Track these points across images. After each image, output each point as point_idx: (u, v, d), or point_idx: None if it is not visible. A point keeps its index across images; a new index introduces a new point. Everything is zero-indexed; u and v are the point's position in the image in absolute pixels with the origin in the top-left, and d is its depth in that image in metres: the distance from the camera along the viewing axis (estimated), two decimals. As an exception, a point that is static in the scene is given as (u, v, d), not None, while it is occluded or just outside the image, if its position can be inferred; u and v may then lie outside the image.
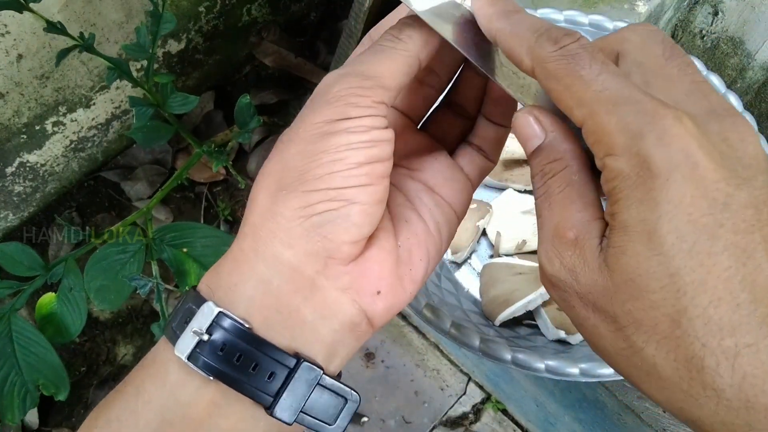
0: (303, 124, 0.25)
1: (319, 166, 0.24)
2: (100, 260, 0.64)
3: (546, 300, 0.59)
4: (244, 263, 0.25)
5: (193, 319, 0.24)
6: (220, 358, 0.23)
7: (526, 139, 0.25)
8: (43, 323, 0.64)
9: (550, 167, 0.24)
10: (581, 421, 0.69)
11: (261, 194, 0.25)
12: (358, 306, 0.25)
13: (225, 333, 0.23)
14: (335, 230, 0.24)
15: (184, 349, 0.24)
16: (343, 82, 0.24)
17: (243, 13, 0.99)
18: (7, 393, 0.61)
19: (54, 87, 0.81)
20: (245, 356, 0.24)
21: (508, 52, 0.24)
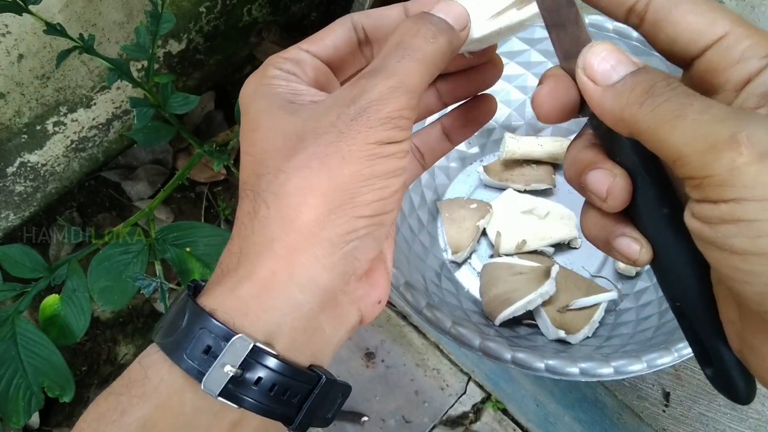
0: (356, 141, 0.23)
1: (370, 191, 0.24)
2: (103, 261, 0.64)
3: (546, 300, 0.59)
4: (276, 288, 0.23)
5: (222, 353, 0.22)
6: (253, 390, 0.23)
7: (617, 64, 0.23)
8: (47, 325, 0.64)
9: (672, 79, 0.21)
10: (581, 420, 0.69)
11: (305, 213, 0.23)
12: (361, 313, 0.27)
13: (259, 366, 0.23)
14: (365, 252, 0.25)
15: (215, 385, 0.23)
16: (394, 101, 0.24)
17: (243, 13, 0.99)
18: (12, 395, 0.61)
19: (55, 87, 0.81)
20: (278, 386, 0.24)
21: None
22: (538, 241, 0.66)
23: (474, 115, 0.32)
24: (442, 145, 0.33)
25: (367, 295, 0.27)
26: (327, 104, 0.25)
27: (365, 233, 0.24)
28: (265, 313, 0.23)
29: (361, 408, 0.75)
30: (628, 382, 0.66)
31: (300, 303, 0.24)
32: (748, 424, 0.63)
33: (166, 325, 0.24)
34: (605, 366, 0.49)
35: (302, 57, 0.27)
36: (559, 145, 0.69)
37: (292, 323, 0.24)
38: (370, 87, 0.24)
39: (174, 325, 0.24)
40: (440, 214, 0.69)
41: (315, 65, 0.28)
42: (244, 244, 0.24)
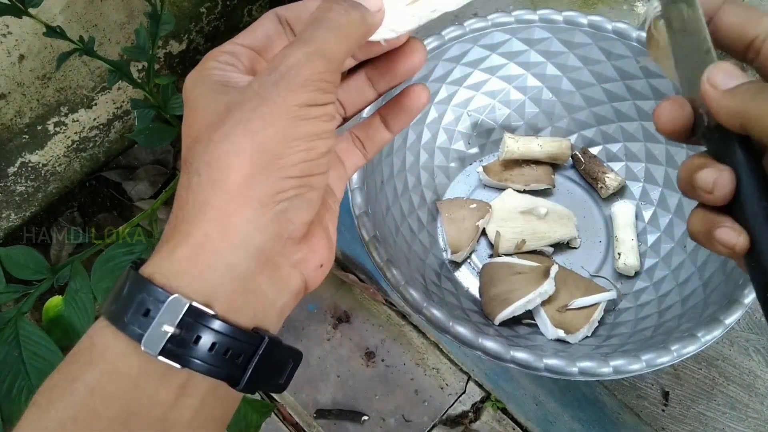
0: (276, 105, 0.24)
1: (295, 152, 0.25)
2: (107, 261, 0.64)
3: (545, 299, 0.59)
4: (209, 249, 0.24)
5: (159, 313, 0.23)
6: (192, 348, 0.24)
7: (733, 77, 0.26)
8: (50, 326, 0.64)
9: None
10: (580, 419, 0.69)
11: (233, 175, 0.24)
12: (304, 277, 0.28)
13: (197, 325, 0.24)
14: (298, 213, 0.26)
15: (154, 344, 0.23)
16: (313, 65, 0.25)
17: (244, 14, 1.00)
18: (15, 399, 0.60)
19: (56, 87, 0.81)
20: (219, 345, 0.24)
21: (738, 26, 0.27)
22: (537, 241, 0.66)
23: (407, 104, 0.34)
24: (381, 133, 0.35)
25: (308, 259, 0.28)
26: (252, 79, 0.26)
27: (294, 194, 0.25)
28: (200, 274, 0.24)
29: (360, 407, 0.75)
30: (628, 382, 0.67)
31: (235, 263, 0.24)
32: (747, 423, 0.64)
33: (111, 296, 0.25)
34: (604, 365, 0.49)
35: (237, 49, 0.29)
36: (558, 146, 0.70)
37: (229, 284, 0.24)
38: (287, 54, 0.25)
39: (117, 294, 0.25)
40: (440, 214, 0.69)
41: (249, 55, 0.29)
42: (179, 214, 0.25)
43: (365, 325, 0.80)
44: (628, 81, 0.65)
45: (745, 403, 0.64)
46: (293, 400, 0.76)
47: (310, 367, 0.78)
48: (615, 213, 0.68)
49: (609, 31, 0.64)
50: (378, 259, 0.54)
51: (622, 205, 0.68)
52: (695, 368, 0.67)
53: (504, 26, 0.65)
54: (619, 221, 0.67)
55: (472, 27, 0.65)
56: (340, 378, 0.77)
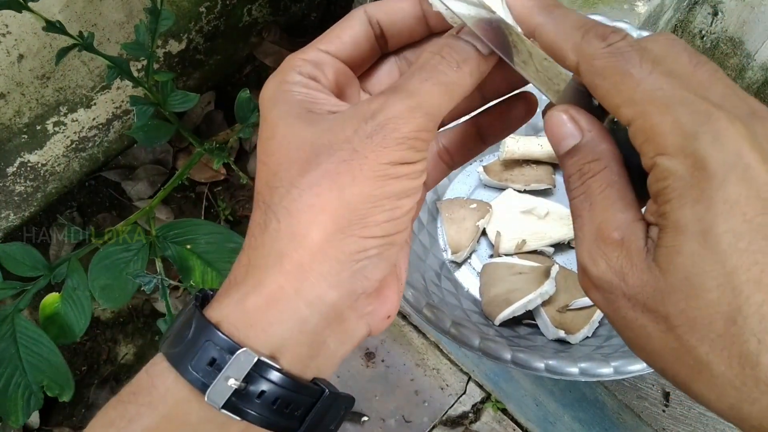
0: (368, 161, 0.23)
1: (381, 212, 0.24)
2: (103, 259, 0.64)
3: (546, 300, 0.59)
4: (282, 303, 0.24)
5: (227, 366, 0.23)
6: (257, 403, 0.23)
7: (561, 138, 0.25)
8: (47, 323, 0.63)
9: (589, 167, 0.24)
10: (581, 420, 0.69)
11: (314, 231, 0.23)
12: (370, 328, 0.27)
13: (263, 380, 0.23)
14: (375, 271, 0.25)
15: (218, 398, 0.23)
16: (412, 121, 0.23)
17: (243, 13, 0.99)
18: (11, 394, 0.60)
19: (55, 87, 0.81)
20: (280, 399, 0.24)
21: (549, 48, 0.24)
22: (537, 241, 0.66)
23: (514, 114, 0.31)
24: (474, 144, 0.31)
25: (377, 311, 0.27)
26: (344, 117, 0.24)
27: (375, 253, 0.24)
28: (270, 326, 0.23)
29: (361, 408, 0.75)
30: (628, 382, 0.66)
31: (305, 318, 0.24)
32: (747, 424, 0.63)
33: (173, 335, 0.24)
34: (605, 366, 0.49)
35: (322, 59, 0.27)
36: (558, 145, 0.69)
37: (298, 338, 0.24)
38: (389, 104, 0.24)
39: (180, 335, 0.24)
40: (440, 214, 0.69)
41: (335, 67, 0.27)
42: (253, 256, 0.24)
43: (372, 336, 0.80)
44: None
45: (746, 403, 0.64)
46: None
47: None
48: (616, 213, 0.67)
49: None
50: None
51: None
52: (696, 369, 0.66)
53: (504, 25, 0.65)
54: (619, 221, 0.67)
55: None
56: (340, 378, 0.77)
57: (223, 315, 0.24)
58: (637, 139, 0.22)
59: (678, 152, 0.21)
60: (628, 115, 0.22)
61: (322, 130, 0.24)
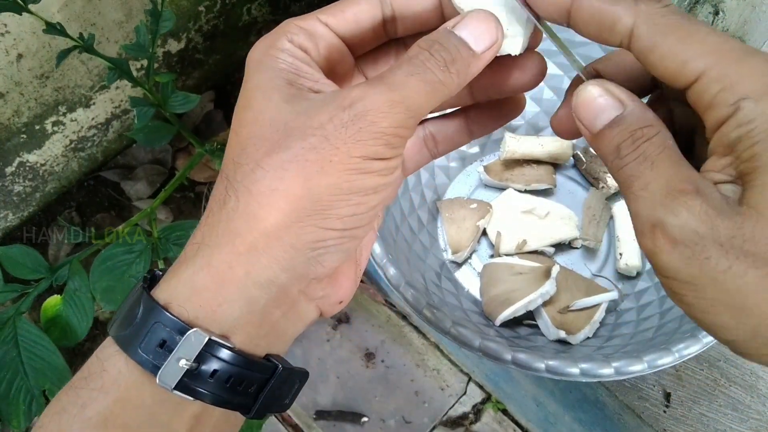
0: (339, 152, 0.22)
1: (345, 206, 0.23)
2: (105, 261, 0.64)
3: (546, 300, 0.59)
4: (232, 284, 0.23)
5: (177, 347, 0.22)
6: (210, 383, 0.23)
7: (598, 112, 0.23)
8: (48, 326, 0.63)
9: (641, 132, 0.22)
10: (581, 421, 0.69)
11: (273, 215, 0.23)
12: (320, 310, 0.27)
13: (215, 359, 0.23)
14: (331, 259, 0.24)
15: (170, 379, 0.23)
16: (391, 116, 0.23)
17: (243, 12, 0.99)
18: (13, 399, 0.60)
19: (54, 87, 0.81)
20: (233, 377, 0.24)
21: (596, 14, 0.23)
22: (538, 241, 0.65)
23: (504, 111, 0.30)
24: (460, 136, 0.31)
25: (329, 297, 0.27)
26: (323, 101, 0.23)
27: (333, 244, 0.24)
28: (219, 306, 0.23)
29: (360, 408, 0.75)
30: (629, 383, 0.66)
31: (255, 299, 0.23)
32: (749, 424, 0.63)
33: (122, 317, 0.24)
34: (606, 366, 0.49)
35: (318, 30, 0.26)
36: (559, 145, 0.69)
37: (248, 318, 0.24)
38: (370, 95, 0.23)
39: (129, 317, 0.23)
40: (440, 213, 0.68)
41: (330, 41, 0.26)
42: (206, 233, 0.24)
43: (365, 326, 0.79)
44: (629, 80, 0.65)
45: (746, 404, 0.64)
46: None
47: (309, 368, 0.77)
48: (616, 213, 0.67)
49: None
50: (378, 259, 0.53)
51: (624, 205, 0.67)
52: (697, 369, 0.66)
53: (505, 25, 0.65)
54: (620, 221, 0.67)
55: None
56: (340, 379, 0.77)
57: (172, 295, 0.23)
58: (708, 93, 0.21)
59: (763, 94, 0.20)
60: (696, 68, 0.21)
61: (297, 111, 0.23)
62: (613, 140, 0.23)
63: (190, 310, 0.23)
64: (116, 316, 0.25)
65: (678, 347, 0.48)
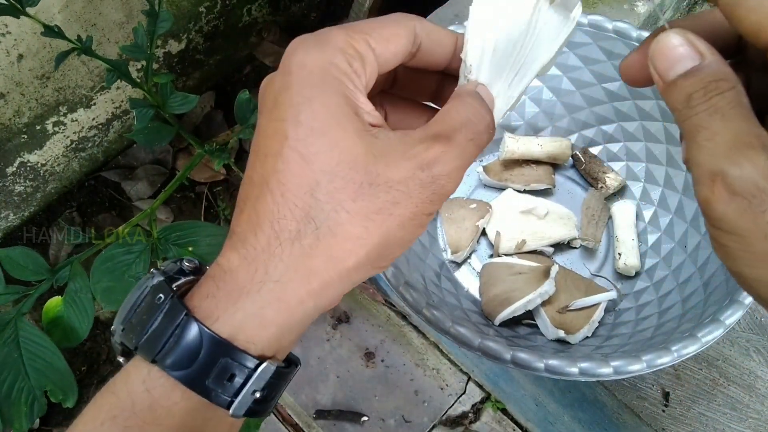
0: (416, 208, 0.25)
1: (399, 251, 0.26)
2: (106, 261, 0.64)
3: (545, 300, 0.59)
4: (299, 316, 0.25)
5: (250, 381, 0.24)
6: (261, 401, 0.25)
7: (675, 62, 0.23)
8: (50, 327, 0.63)
9: (716, 85, 0.22)
10: (580, 420, 0.69)
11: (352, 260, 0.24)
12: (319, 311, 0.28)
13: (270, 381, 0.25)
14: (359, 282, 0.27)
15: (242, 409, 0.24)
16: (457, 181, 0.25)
17: (243, 13, 0.99)
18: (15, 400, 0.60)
19: (54, 87, 0.81)
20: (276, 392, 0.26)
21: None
22: (537, 241, 0.66)
23: None
24: None
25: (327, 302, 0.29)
26: (398, 150, 0.24)
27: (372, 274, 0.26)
28: (282, 336, 0.25)
29: (360, 408, 0.75)
30: (628, 382, 0.67)
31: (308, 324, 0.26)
32: (747, 423, 0.63)
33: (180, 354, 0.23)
34: (605, 366, 0.49)
35: (368, 56, 0.25)
36: (558, 145, 0.70)
37: (297, 339, 0.26)
38: (446, 159, 0.25)
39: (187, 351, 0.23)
40: (440, 214, 0.69)
41: (372, 71, 0.26)
42: (272, 265, 0.24)
43: (365, 326, 0.80)
44: (628, 81, 0.65)
45: (745, 403, 0.64)
46: (293, 400, 0.76)
47: (309, 367, 0.77)
48: (615, 213, 0.68)
49: (609, 30, 0.64)
50: (378, 259, 0.53)
51: (622, 205, 0.68)
52: (696, 369, 0.66)
53: (504, 26, 0.65)
54: (619, 221, 0.67)
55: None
56: (340, 378, 0.77)
57: (236, 328, 0.24)
58: None
59: None
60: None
61: (376, 155, 0.24)
62: (685, 89, 0.22)
63: (258, 344, 0.24)
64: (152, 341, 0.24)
65: (677, 347, 0.48)
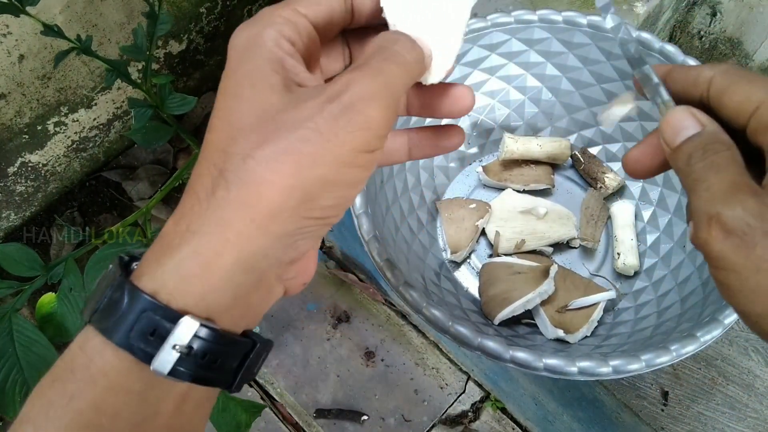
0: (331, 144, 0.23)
1: (329, 198, 0.24)
2: (100, 260, 0.64)
3: (544, 299, 0.59)
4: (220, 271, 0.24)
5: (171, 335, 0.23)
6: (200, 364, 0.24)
7: (681, 129, 0.27)
8: (43, 323, 0.64)
9: (713, 146, 0.26)
10: (580, 419, 0.69)
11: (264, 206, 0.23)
12: (285, 289, 0.28)
13: (205, 343, 0.24)
14: (305, 244, 0.25)
15: (164, 365, 0.23)
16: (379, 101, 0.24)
17: (244, 14, 1.00)
18: (9, 390, 0.61)
19: (56, 87, 0.81)
20: (220, 358, 0.25)
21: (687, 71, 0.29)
22: (537, 241, 0.66)
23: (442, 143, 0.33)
24: (399, 154, 0.33)
25: (296, 278, 0.28)
26: (310, 93, 0.24)
27: (310, 231, 0.25)
28: (207, 294, 0.24)
29: (360, 407, 0.75)
30: (627, 381, 0.67)
31: (240, 285, 0.24)
32: (746, 423, 0.64)
33: (104, 307, 0.24)
34: (604, 365, 0.49)
35: (300, 22, 0.26)
36: (557, 146, 0.70)
37: (232, 302, 0.24)
38: (355, 82, 0.23)
39: (112, 306, 0.24)
40: (439, 214, 0.69)
41: (309, 33, 0.27)
42: (193, 221, 0.24)
43: (365, 325, 0.80)
44: (627, 81, 0.66)
45: (744, 402, 0.64)
46: (293, 399, 0.76)
47: (309, 367, 0.78)
48: (614, 213, 0.68)
49: (608, 31, 0.64)
50: (378, 259, 0.54)
51: (621, 204, 0.68)
52: (695, 368, 0.67)
53: (503, 26, 0.65)
54: (618, 221, 0.67)
55: (471, 27, 0.65)
56: (340, 378, 0.77)
57: (159, 283, 0.24)
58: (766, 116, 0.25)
59: None
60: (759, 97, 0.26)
61: (287, 103, 0.24)
62: (687, 150, 0.26)
63: (178, 298, 0.23)
64: (94, 303, 0.24)
65: (675, 346, 0.49)
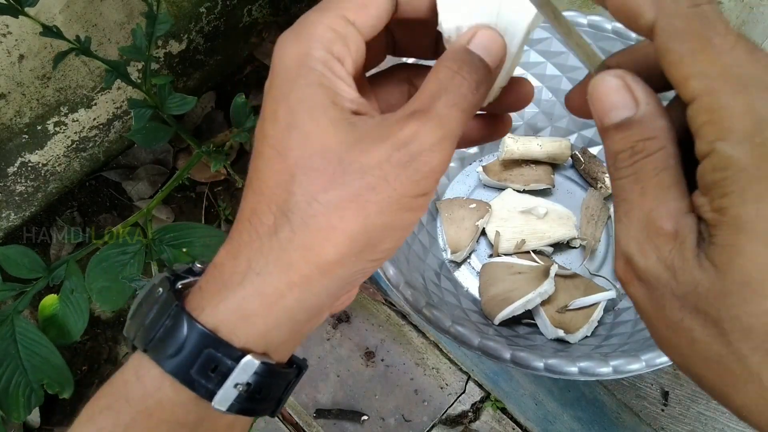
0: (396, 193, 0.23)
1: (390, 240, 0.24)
2: (101, 261, 0.64)
3: (545, 299, 0.59)
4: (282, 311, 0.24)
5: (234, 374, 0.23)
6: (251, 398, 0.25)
7: (611, 108, 0.22)
8: (45, 325, 0.64)
9: (643, 145, 0.21)
10: (580, 419, 0.69)
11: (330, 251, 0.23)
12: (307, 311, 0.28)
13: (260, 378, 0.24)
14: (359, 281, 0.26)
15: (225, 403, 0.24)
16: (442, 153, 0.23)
17: (244, 14, 1.00)
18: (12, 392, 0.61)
19: (55, 87, 0.81)
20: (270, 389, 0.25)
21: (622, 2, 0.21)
22: (537, 241, 0.66)
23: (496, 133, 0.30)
24: None
25: (342, 303, 0.29)
26: (372, 132, 0.23)
27: (369, 271, 0.25)
28: (269, 332, 0.24)
29: (360, 407, 0.75)
30: (627, 381, 0.67)
31: (299, 322, 0.25)
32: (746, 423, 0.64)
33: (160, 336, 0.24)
34: (604, 365, 0.49)
35: (349, 33, 0.24)
36: (557, 146, 0.70)
37: (290, 337, 0.25)
38: (422, 133, 0.23)
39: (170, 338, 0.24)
40: (439, 213, 0.69)
41: (358, 48, 0.24)
42: (254, 260, 0.23)
43: (365, 325, 0.80)
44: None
45: (744, 402, 0.64)
46: (293, 399, 0.76)
47: (310, 366, 0.77)
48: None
49: (608, 31, 0.64)
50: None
51: (621, 204, 0.68)
52: (695, 368, 0.66)
53: (503, 26, 0.65)
54: (618, 221, 0.67)
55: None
56: (340, 378, 0.77)
57: (220, 319, 0.24)
58: (697, 119, 0.19)
59: (745, 139, 0.18)
60: (695, 88, 0.19)
61: (349, 142, 0.23)
62: (615, 145, 0.22)
63: (241, 336, 0.24)
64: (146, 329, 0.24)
65: (675, 346, 0.48)
